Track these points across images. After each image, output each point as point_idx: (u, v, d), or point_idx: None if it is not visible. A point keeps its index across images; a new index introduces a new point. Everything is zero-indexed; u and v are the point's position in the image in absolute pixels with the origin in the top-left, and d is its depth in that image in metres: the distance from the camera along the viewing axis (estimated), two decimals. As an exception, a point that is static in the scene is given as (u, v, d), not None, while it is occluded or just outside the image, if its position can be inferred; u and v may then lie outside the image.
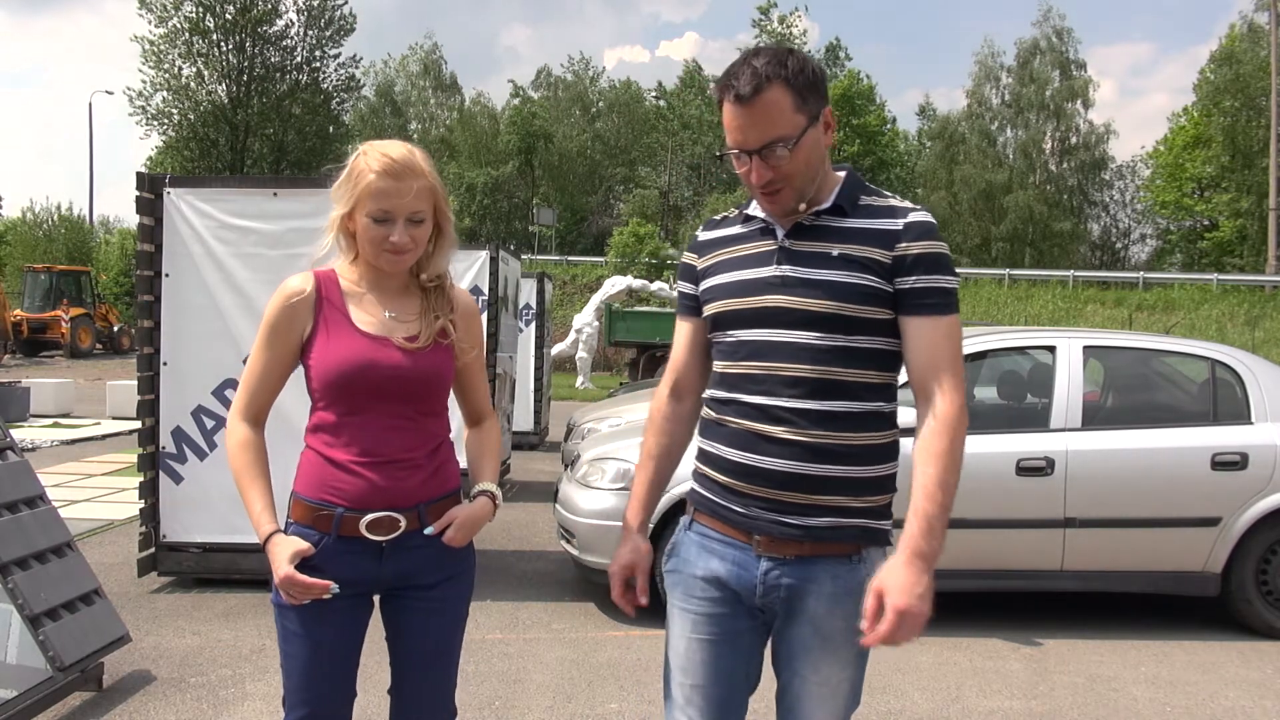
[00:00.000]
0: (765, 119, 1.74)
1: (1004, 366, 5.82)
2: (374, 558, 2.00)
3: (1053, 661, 4.60)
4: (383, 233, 1.95)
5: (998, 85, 46.09)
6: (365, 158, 1.96)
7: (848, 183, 1.86)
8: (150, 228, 5.38)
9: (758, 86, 1.73)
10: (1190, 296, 30.78)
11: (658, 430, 2.06)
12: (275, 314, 2.03)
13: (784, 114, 1.74)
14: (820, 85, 1.80)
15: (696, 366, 2.03)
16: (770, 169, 1.77)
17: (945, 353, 1.77)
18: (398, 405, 2.00)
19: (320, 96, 41.05)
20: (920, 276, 1.76)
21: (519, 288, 10.35)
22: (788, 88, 1.74)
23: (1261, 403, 5.07)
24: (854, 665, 1.85)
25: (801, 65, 1.76)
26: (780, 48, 1.80)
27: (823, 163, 1.83)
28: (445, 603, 2.08)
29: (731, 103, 1.76)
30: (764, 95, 1.73)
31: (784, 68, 1.74)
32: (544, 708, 3.88)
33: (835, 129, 1.86)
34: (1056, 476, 4.90)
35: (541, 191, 47.80)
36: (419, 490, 2.02)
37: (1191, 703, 4.13)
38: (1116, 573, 5.03)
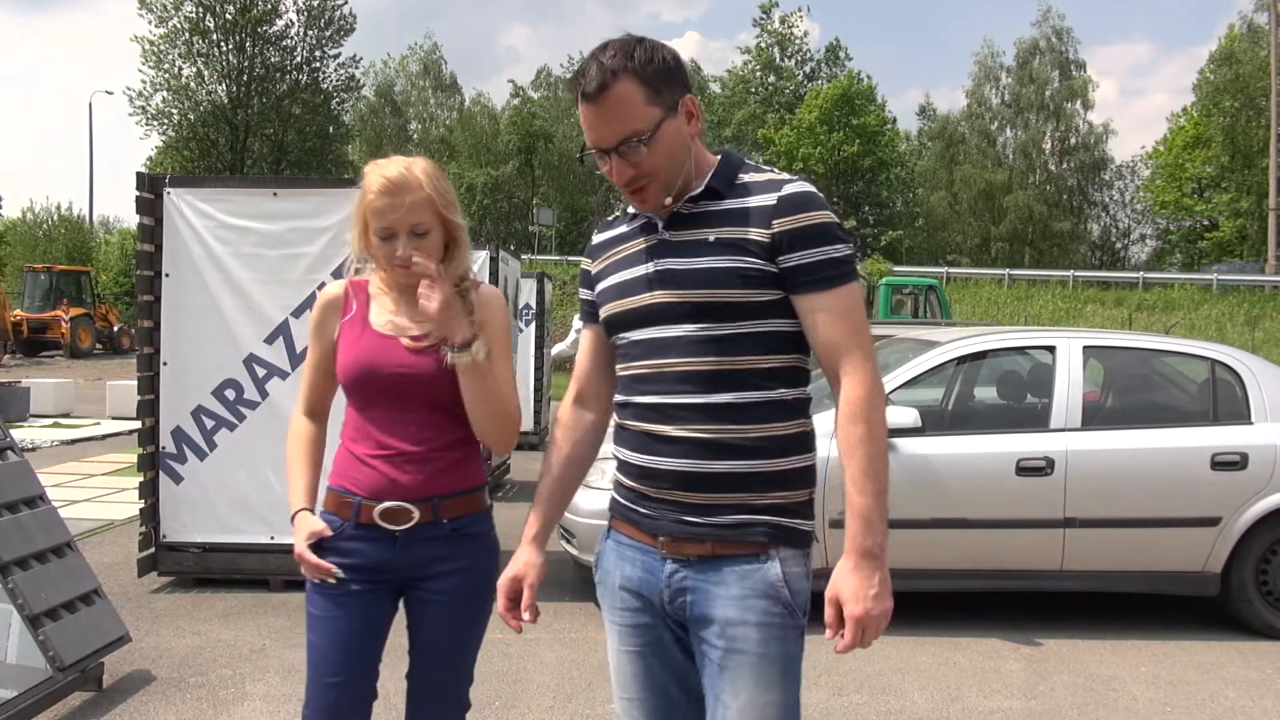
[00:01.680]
0: (617, 115, 1.67)
1: (1004, 366, 5.82)
2: (389, 546, 2.09)
3: (1052, 661, 4.60)
4: (390, 248, 2.04)
5: (997, 85, 46.15)
6: (367, 179, 2.05)
7: (723, 164, 1.78)
8: (150, 228, 5.38)
9: (603, 83, 1.66)
10: (1190, 296, 30.79)
11: (559, 441, 1.98)
12: (314, 316, 2.21)
13: (635, 108, 1.67)
14: (675, 73, 1.72)
15: (600, 374, 1.96)
16: (630, 166, 1.71)
17: (841, 329, 1.68)
18: (406, 401, 2.09)
19: (320, 96, 41.05)
20: (802, 252, 1.67)
21: (519, 288, 10.35)
22: (637, 80, 1.67)
23: (1261, 403, 5.07)
24: (780, 686, 1.70)
25: (650, 55, 1.69)
26: (629, 38, 1.72)
27: (688, 152, 1.75)
28: (456, 596, 2.12)
29: (582, 102, 1.69)
30: (612, 91, 1.66)
31: (631, 59, 1.67)
32: (544, 708, 3.89)
33: (701, 116, 1.78)
34: (1056, 476, 4.90)
35: (541, 191, 47.80)
36: (431, 483, 2.08)
37: (1191, 703, 4.14)
38: (1116, 573, 5.03)
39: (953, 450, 4.97)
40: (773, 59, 48.70)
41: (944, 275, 32.68)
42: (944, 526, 4.90)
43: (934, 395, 5.77)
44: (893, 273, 27.72)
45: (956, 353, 5.31)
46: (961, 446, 4.99)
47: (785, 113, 45.00)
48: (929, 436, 4.94)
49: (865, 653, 4.25)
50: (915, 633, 4.87)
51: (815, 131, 41.23)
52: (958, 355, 5.32)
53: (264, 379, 5.37)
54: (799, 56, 49.04)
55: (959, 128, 46.57)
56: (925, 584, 5.05)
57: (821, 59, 48.66)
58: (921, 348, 5.42)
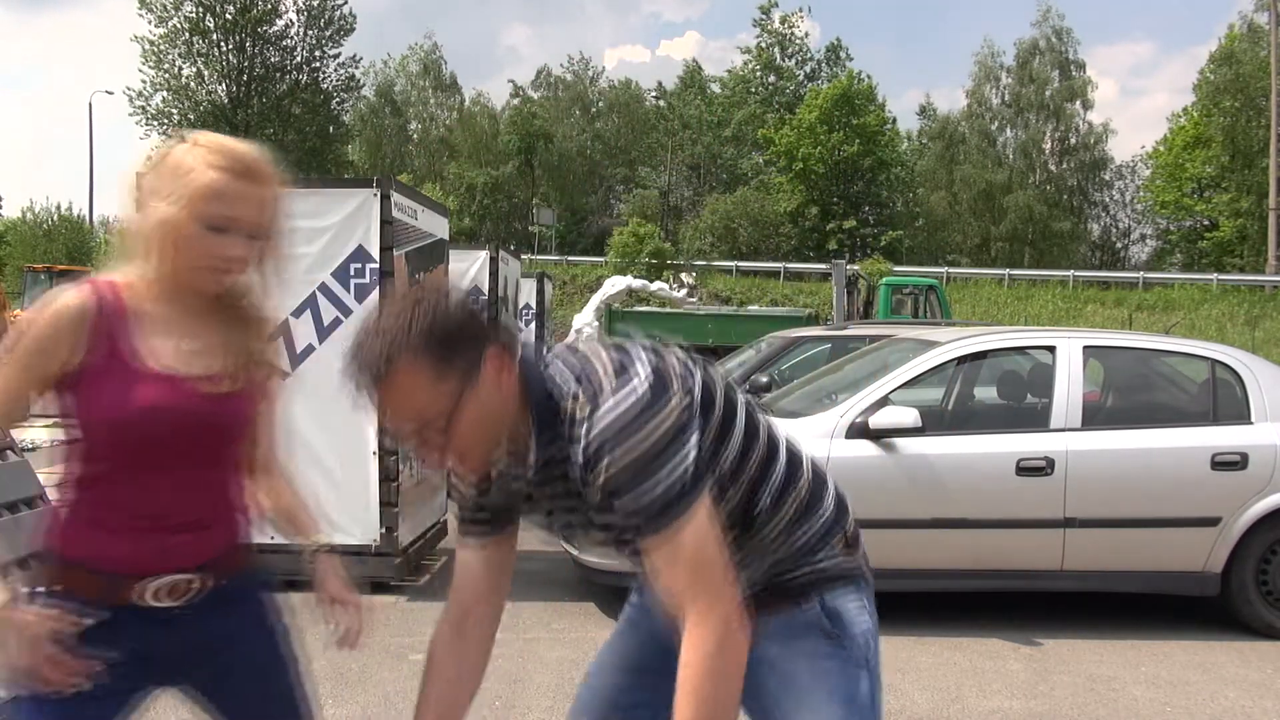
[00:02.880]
0: (405, 402, 1.45)
1: (1004, 367, 5.82)
2: (160, 628, 1.67)
3: (1052, 661, 4.60)
4: (219, 245, 1.60)
5: (997, 85, 46.15)
6: (201, 151, 1.61)
7: (536, 412, 1.53)
8: (150, 228, 5.37)
9: (377, 372, 1.42)
10: (1190, 296, 30.81)
11: (437, 672, 1.75)
12: (41, 333, 1.59)
13: (424, 389, 1.43)
14: (467, 329, 1.45)
15: (495, 592, 1.76)
16: (435, 449, 1.50)
17: (673, 577, 1.45)
18: (194, 458, 1.67)
19: (320, 96, 41.09)
20: (620, 502, 1.46)
21: (519, 288, 10.36)
22: (419, 355, 1.42)
23: (1261, 403, 5.07)
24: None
25: (431, 318, 1.43)
26: (403, 301, 1.46)
27: (506, 415, 1.51)
28: (267, 649, 1.82)
29: (365, 390, 1.47)
30: (393, 376, 1.42)
31: (408, 332, 1.42)
32: (544, 707, 3.89)
33: (510, 365, 1.50)
34: (1056, 476, 4.90)
35: (541, 192, 47.80)
36: (211, 546, 1.72)
37: (1191, 703, 4.14)
38: (1116, 573, 5.03)
39: (953, 450, 4.97)
40: (773, 59, 48.72)
41: (944, 275, 32.69)
42: (944, 526, 4.90)
43: (934, 395, 5.77)
44: (893, 273, 27.72)
45: (956, 353, 5.31)
46: (961, 446, 4.99)
47: (785, 113, 45.01)
48: (929, 436, 4.94)
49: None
50: (915, 633, 4.87)
51: (815, 131, 41.24)
52: (958, 355, 5.32)
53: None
54: (799, 56, 49.08)
55: (959, 128, 46.58)
56: (925, 584, 5.06)
57: (822, 59, 48.72)
58: (921, 348, 5.42)
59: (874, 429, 4.87)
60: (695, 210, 44.78)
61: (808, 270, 34.89)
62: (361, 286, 5.33)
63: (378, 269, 5.31)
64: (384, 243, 5.30)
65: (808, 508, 1.66)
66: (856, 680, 1.64)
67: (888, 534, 4.95)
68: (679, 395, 1.48)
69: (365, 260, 5.31)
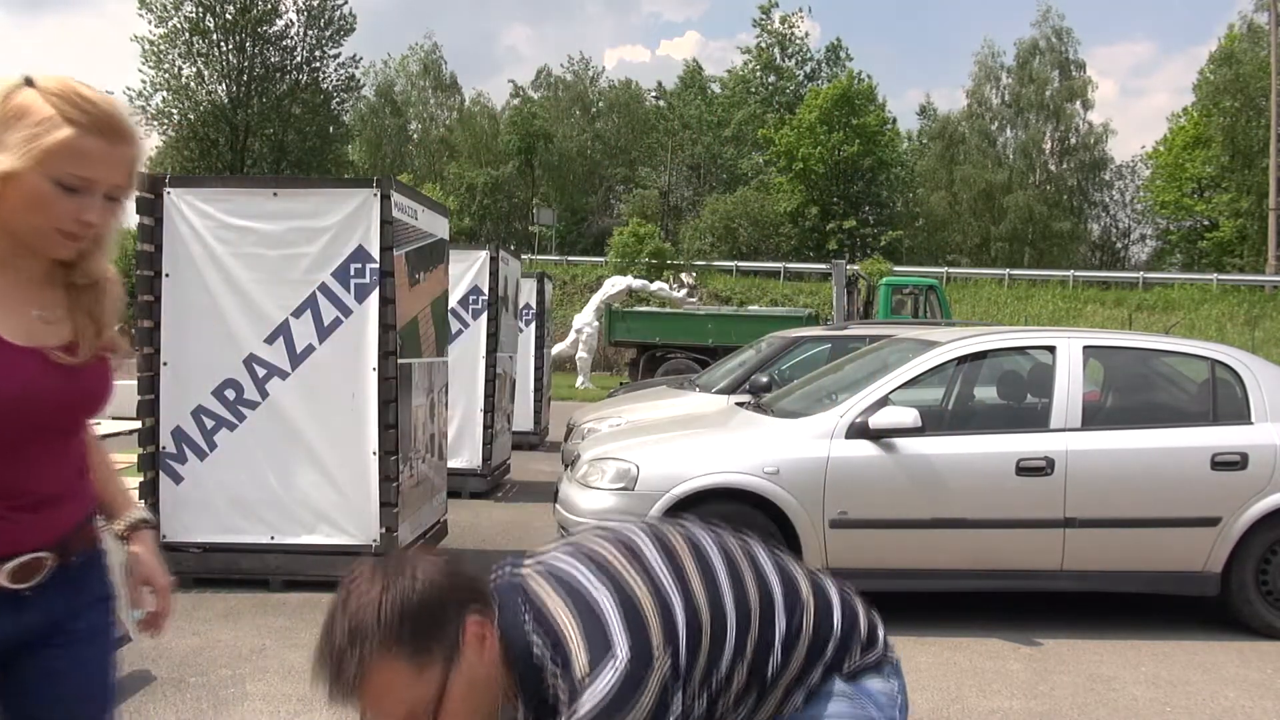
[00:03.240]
0: (387, 702, 1.35)
1: (1004, 367, 5.82)
2: (12, 610, 1.58)
3: (1052, 661, 4.60)
4: (71, 207, 1.44)
5: (997, 85, 46.15)
6: (54, 99, 1.42)
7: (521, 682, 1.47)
8: (150, 227, 5.38)
9: (351, 682, 1.33)
10: (1190, 296, 30.80)
11: None
12: None
13: (406, 686, 1.35)
14: (440, 607, 1.37)
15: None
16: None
17: None
18: (51, 433, 1.59)
19: (320, 96, 41.06)
20: None
21: (519, 288, 10.36)
22: (393, 653, 1.34)
23: (1261, 403, 5.07)
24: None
25: (399, 604, 1.35)
26: (367, 594, 1.37)
27: (496, 687, 1.44)
28: (95, 630, 1.71)
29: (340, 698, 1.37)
30: (370, 683, 1.33)
31: (377, 628, 1.33)
32: None
33: (491, 629, 1.43)
34: (1056, 476, 4.90)
35: (541, 192, 47.81)
36: (65, 521, 1.63)
37: (1191, 703, 4.13)
38: (1116, 573, 5.03)
39: (953, 450, 4.97)
40: (773, 59, 48.72)
41: (944, 275, 32.70)
42: (944, 526, 4.90)
43: (934, 395, 5.76)
44: (893, 273, 27.72)
45: (956, 353, 5.31)
46: (961, 446, 5.00)
47: (785, 112, 45.00)
48: (929, 436, 4.94)
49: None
50: (915, 633, 4.87)
51: (815, 131, 41.23)
52: (958, 355, 5.32)
53: (264, 379, 5.37)
54: (799, 56, 49.08)
55: (959, 128, 46.59)
56: (925, 584, 5.06)
57: (822, 59, 48.71)
58: (921, 348, 5.42)
59: (874, 429, 4.87)
60: (695, 210, 44.79)
61: (808, 270, 34.90)
62: (362, 286, 5.33)
63: (378, 269, 5.31)
64: (384, 242, 5.30)
65: (816, 635, 1.66)
66: (867, 710, 1.67)
67: (888, 534, 4.95)
68: (660, 660, 1.43)
69: (365, 260, 5.31)
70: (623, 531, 1.62)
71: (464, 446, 8.43)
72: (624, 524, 1.65)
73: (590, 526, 1.69)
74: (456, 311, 8.19)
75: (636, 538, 1.60)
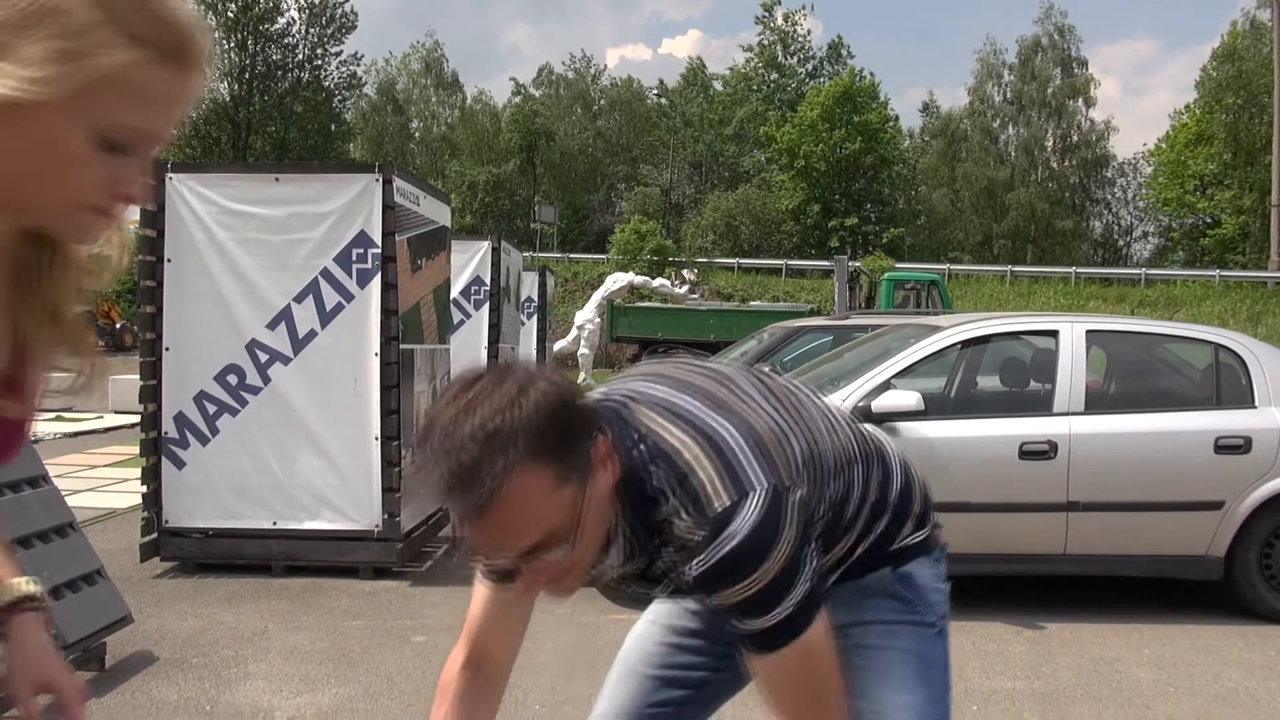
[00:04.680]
0: (517, 524, 1.18)
1: (1007, 351, 5.81)
2: None
3: (1055, 644, 4.59)
4: (115, 171, 0.85)
5: (999, 83, 46.12)
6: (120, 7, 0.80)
7: (631, 514, 1.32)
8: (152, 213, 5.38)
9: (481, 501, 1.13)
10: (1193, 293, 30.78)
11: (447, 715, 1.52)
12: None
13: (544, 503, 1.18)
14: (576, 416, 1.22)
15: (511, 637, 1.57)
16: (548, 570, 1.25)
17: (770, 695, 1.37)
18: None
19: (322, 94, 41.16)
20: (726, 617, 1.35)
21: (520, 280, 10.37)
22: (536, 464, 1.15)
23: (1265, 387, 5.05)
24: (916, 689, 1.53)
25: (536, 411, 1.16)
26: (500, 393, 1.17)
27: (609, 512, 1.30)
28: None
29: (457, 517, 1.18)
30: (503, 499, 1.14)
31: (516, 440, 1.14)
32: (546, 687, 3.88)
33: (613, 453, 1.28)
34: (1059, 460, 4.89)
35: (543, 189, 47.80)
36: None
37: (1195, 684, 4.13)
38: (1119, 557, 5.02)
39: (955, 434, 4.96)
40: (775, 56, 48.69)
41: (946, 272, 32.67)
42: (946, 510, 4.85)
43: (937, 381, 5.76)
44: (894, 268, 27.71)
45: (959, 337, 5.30)
46: (964, 430, 4.99)
47: (787, 110, 44.98)
48: (932, 420, 4.93)
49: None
50: (918, 616, 4.86)
51: (817, 129, 41.20)
52: (961, 340, 5.31)
53: (266, 364, 5.37)
54: (801, 54, 49.05)
55: (961, 125, 46.56)
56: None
57: (824, 56, 48.68)
58: (924, 333, 5.41)
59: (877, 412, 4.86)
60: (697, 208, 44.79)
61: (809, 268, 34.88)
62: (364, 271, 5.33)
63: (380, 254, 5.31)
64: (386, 228, 5.31)
65: (878, 503, 1.55)
66: (930, 641, 1.57)
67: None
68: (794, 508, 1.30)
69: (367, 245, 5.32)
70: (710, 365, 1.50)
71: None
72: (704, 362, 1.52)
73: (666, 360, 1.52)
74: (459, 302, 8.20)
75: (728, 370, 1.48)
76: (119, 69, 0.81)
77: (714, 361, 1.55)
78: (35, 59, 0.79)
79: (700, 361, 1.53)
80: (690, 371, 1.47)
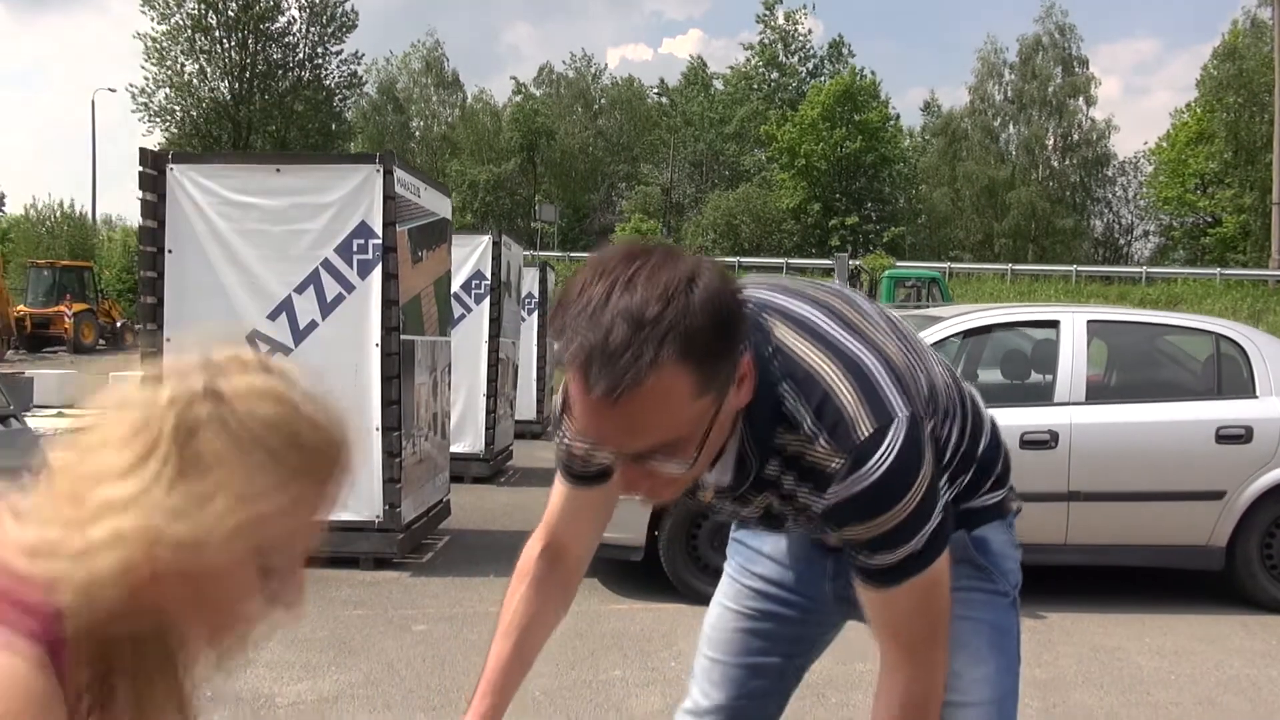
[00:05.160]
0: (646, 421, 1.06)
1: (1008, 341, 5.81)
2: None
3: (1057, 634, 4.59)
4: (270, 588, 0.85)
5: (1000, 82, 46.09)
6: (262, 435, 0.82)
7: (752, 428, 1.23)
8: (154, 204, 5.39)
9: (620, 385, 1.01)
10: (1193, 291, 30.75)
11: (522, 601, 1.52)
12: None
13: (678, 407, 1.06)
14: (735, 327, 1.09)
15: (591, 528, 1.54)
16: (653, 478, 1.15)
17: (895, 624, 1.31)
18: None
19: (322, 93, 41.12)
20: (852, 554, 1.30)
21: (521, 274, 10.36)
22: (686, 365, 1.03)
23: (1266, 377, 5.05)
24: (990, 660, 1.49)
25: (703, 311, 1.03)
26: (667, 276, 1.03)
27: (731, 426, 1.21)
28: None
29: (582, 393, 1.05)
30: (645, 388, 1.01)
31: (678, 330, 1.01)
32: (547, 675, 3.88)
33: (751, 374, 1.17)
34: (1060, 450, 4.89)
35: (544, 188, 47.81)
36: None
37: (1196, 671, 4.13)
38: (1120, 546, 5.02)
39: (956, 424, 4.95)
40: (776, 55, 48.68)
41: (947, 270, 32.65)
42: (948, 500, 4.89)
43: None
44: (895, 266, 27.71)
45: (960, 327, 5.30)
46: (965, 420, 4.98)
47: (788, 109, 44.97)
48: (933, 410, 4.92)
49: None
50: (919, 606, 4.86)
51: (817, 127, 41.20)
52: (962, 330, 5.31)
53: (267, 355, 5.36)
54: (802, 53, 49.04)
55: (962, 124, 46.54)
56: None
57: (825, 55, 48.66)
58: (926, 323, 5.41)
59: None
60: (697, 207, 44.77)
61: (810, 266, 34.86)
62: (364, 262, 5.33)
63: (380, 244, 5.31)
64: (387, 218, 5.31)
65: (967, 455, 1.48)
66: (1004, 611, 1.53)
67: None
68: (926, 426, 1.25)
69: (368, 236, 5.32)
70: (832, 286, 1.43)
71: (466, 431, 8.43)
72: (824, 283, 1.45)
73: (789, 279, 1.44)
74: (459, 296, 8.20)
75: (850, 293, 1.41)
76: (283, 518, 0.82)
77: (832, 282, 1.50)
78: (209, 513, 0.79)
79: (820, 281, 1.46)
80: (817, 289, 1.38)
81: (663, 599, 4.89)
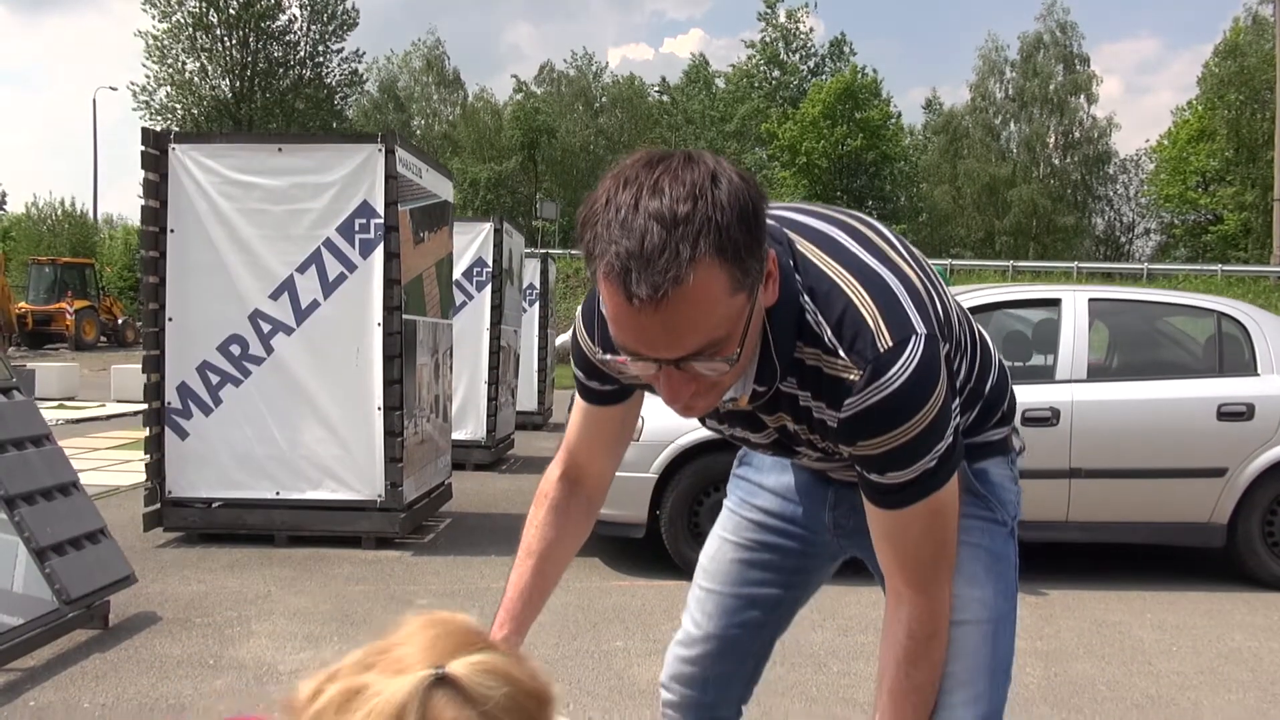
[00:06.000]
0: (689, 322, 1.06)
1: (1009, 319, 5.82)
2: None
3: (1058, 609, 4.59)
4: None
5: (1001, 80, 46.07)
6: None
7: (775, 338, 1.23)
8: (155, 183, 5.39)
9: (660, 286, 1.01)
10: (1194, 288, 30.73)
11: (541, 527, 1.50)
12: None
13: (717, 305, 1.06)
14: (760, 221, 1.09)
15: (609, 452, 1.54)
16: (696, 383, 1.14)
17: (902, 550, 1.31)
18: None
19: (323, 92, 41.12)
20: (860, 469, 1.29)
21: (523, 263, 10.36)
22: (721, 260, 1.04)
23: (1268, 354, 5.05)
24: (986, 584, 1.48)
25: (731, 206, 1.04)
26: (695, 172, 1.06)
27: (758, 333, 1.20)
28: None
29: (623, 301, 1.04)
30: (686, 287, 1.02)
31: (710, 226, 1.03)
32: (549, 645, 3.89)
33: (776, 273, 1.19)
34: (1062, 427, 4.89)
35: (544, 186, 47.81)
36: None
37: (1198, 644, 4.13)
38: (1122, 524, 5.02)
39: (958, 401, 4.95)
40: (777, 53, 48.68)
41: (948, 267, 32.65)
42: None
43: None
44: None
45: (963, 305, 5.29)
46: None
47: (789, 107, 44.97)
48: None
49: (871, 597, 4.25)
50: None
51: (818, 126, 41.19)
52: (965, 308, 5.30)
53: (269, 334, 5.37)
54: (804, 52, 49.02)
55: (963, 121, 46.52)
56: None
57: (826, 53, 48.65)
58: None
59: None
60: (698, 205, 44.65)
61: (811, 263, 34.83)
62: (366, 242, 5.33)
63: (382, 224, 5.31)
64: (389, 197, 5.31)
65: (974, 390, 1.48)
66: (1002, 540, 1.52)
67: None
68: (943, 346, 1.26)
69: (370, 215, 5.32)
70: (853, 211, 1.43)
71: (468, 418, 8.43)
72: (845, 208, 1.44)
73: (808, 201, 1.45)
74: (460, 283, 8.20)
75: (871, 219, 1.41)
76: None
77: (853, 210, 1.48)
78: None
79: (841, 207, 1.47)
80: (837, 210, 1.40)
81: (665, 576, 4.89)
